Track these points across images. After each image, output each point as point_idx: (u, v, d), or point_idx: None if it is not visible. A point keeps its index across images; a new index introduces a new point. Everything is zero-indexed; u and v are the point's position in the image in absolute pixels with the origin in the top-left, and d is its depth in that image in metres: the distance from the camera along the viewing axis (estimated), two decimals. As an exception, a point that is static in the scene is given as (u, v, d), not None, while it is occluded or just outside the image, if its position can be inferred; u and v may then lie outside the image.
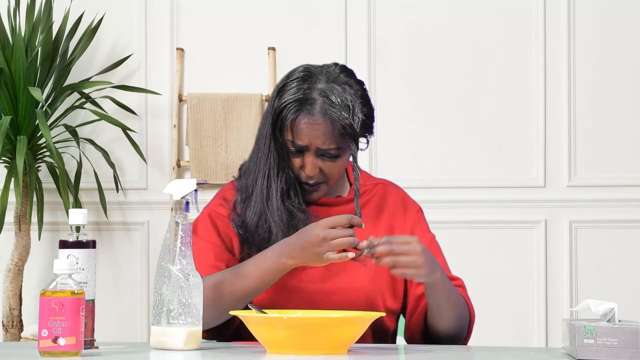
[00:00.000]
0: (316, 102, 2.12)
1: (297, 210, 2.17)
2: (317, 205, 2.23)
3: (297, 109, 2.12)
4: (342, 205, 2.26)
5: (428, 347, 2.13)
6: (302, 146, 2.14)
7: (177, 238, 1.90)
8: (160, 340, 1.88)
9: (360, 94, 2.16)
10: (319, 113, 2.11)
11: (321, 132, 2.12)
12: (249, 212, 2.18)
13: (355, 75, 2.19)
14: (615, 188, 4.01)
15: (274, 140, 2.16)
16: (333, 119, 2.11)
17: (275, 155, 2.16)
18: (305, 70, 2.18)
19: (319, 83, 2.14)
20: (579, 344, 1.77)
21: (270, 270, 2.08)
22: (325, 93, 2.12)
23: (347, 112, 2.11)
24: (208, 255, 2.17)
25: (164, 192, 1.96)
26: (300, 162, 2.16)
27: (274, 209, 2.16)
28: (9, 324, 3.87)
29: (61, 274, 1.76)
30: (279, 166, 2.17)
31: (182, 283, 1.88)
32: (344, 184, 2.30)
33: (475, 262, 3.99)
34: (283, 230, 2.14)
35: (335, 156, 2.15)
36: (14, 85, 3.87)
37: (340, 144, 2.14)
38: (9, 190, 3.82)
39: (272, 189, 2.16)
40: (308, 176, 2.16)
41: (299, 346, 1.83)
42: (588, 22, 4.05)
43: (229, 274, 2.11)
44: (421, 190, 2.51)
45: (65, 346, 1.74)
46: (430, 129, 4.07)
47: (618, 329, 1.76)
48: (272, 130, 2.16)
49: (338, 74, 2.16)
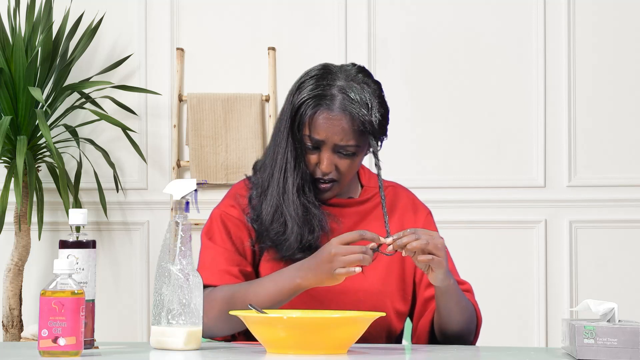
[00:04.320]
0: (335, 98, 2.13)
1: (312, 205, 2.17)
2: (329, 206, 2.23)
3: (316, 104, 2.13)
4: (354, 206, 2.26)
5: (428, 347, 2.13)
6: (319, 141, 2.14)
7: (177, 238, 1.90)
8: (160, 340, 1.88)
9: (377, 94, 2.17)
10: (338, 109, 2.12)
11: (340, 127, 2.12)
12: (265, 206, 2.19)
13: (372, 76, 2.21)
14: (615, 188, 4.01)
15: (292, 136, 2.16)
16: (353, 115, 2.12)
17: (292, 151, 2.17)
18: (324, 67, 2.19)
19: (338, 80, 2.15)
20: (579, 344, 1.77)
21: (284, 290, 2.07)
22: (344, 90, 2.13)
23: (366, 109, 2.13)
24: (220, 261, 2.17)
25: (164, 192, 1.96)
26: (317, 159, 2.17)
27: (289, 203, 2.16)
28: (9, 324, 3.87)
29: (61, 274, 1.76)
30: (295, 161, 2.17)
31: (182, 283, 1.88)
32: (356, 186, 2.31)
33: (475, 262, 3.99)
34: (298, 224, 2.15)
35: (352, 154, 2.16)
36: (14, 85, 3.87)
37: (358, 141, 2.15)
38: (9, 190, 3.82)
39: (289, 183, 2.17)
40: (323, 172, 2.17)
41: (299, 346, 1.83)
42: (588, 22, 4.05)
43: (244, 290, 2.10)
44: (421, 190, 2.51)
45: (65, 346, 1.74)
46: (430, 129, 4.07)
47: (618, 329, 1.76)
48: (290, 125, 2.16)
49: (356, 74, 2.17)
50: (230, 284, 2.14)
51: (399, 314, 2.24)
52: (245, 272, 2.19)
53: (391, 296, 2.22)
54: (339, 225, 2.21)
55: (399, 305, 2.24)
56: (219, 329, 2.12)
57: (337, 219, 2.22)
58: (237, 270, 2.17)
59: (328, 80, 2.15)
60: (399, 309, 2.24)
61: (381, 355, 1.91)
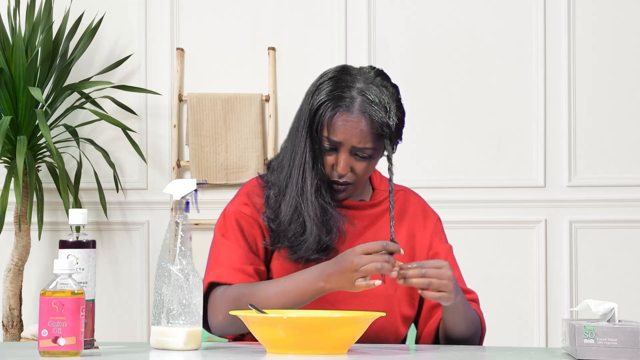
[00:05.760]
0: (355, 100, 2.13)
1: (329, 206, 2.17)
2: (341, 208, 2.23)
3: (335, 105, 2.13)
4: (366, 209, 2.26)
5: (428, 347, 2.13)
6: (337, 142, 2.14)
7: (177, 238, 1.90)
8: (160, 340, 1.88)
9: (395, 97, 2.17)
10: (357, 111, 2.12)
11: (358, 130, 2.12)
12: (284, 206, 2.18)
13: (390, 79, 2.20)
14: (615, 188, 4.01)
15: (310, 137, 2.16)
16: (372, 118, 2.12)
17: (311, 151, 2.16)
18: (343, 69, 2.19)
19: (357, 83, 2.15)
20: (579, 344, 1.77)
21: (307, 292, 2.07)
22: (363, 92, 2.13)
23: (385, 112, 2.12)
24: (234, 259, 2.17)
25: (164, 192, 1.96)
26: (333, 160, 2.17)
27: (308, 203, 2.16)
28: (9, 324, 3.87)
29: (61, 274, 1.76)
30: (313, 162, 2.16)
31: (182, 283, 1.88)
32: (367, 188, 2.31)
33: (475, 262, 3.98)
34: (317, 225, 2.15)
35: (369, 157, 2.16)
36: (14, 85, 3.87)
37: (375, 144, 2.14)
38: (9, 190, 3.82)
39: (307, 184, 2.16)
40: (340, 174, 2.17)
41: (299, 346, 1.83)
42: (588, 22, 4.05)
43: (263, 290, 2.10)
44: (421, 190, 2.51)
45: (65, 346, 1.74)
46: (430, 129, 4.07)
47: (618, 329, 1.76)
48: (308, 126, 2.16)
49: (375, 76, 2.17)
50: (244, 282, 2.14)
51: (406, 318, 2.25)
52: (259, 271, 2.18)
53: (399, 301, 2.22)
54: (354, 227, 2.21)
55: (406, 310, 2.24)
56: (236, 327, 2.11)
57: (353, 221, 2.22)
58: (252, 269, 2.17)
59: (347, 82, 2.15)
60: (406, 314, 2.24)
61: (381, 355, 1.92)
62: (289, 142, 2.22)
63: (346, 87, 2.14)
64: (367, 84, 2.14)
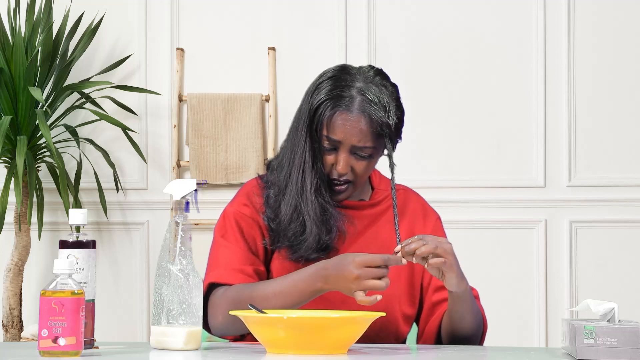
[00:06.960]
0: (354, 99, 2.13)
1: (329, 206, 2.17)
2: (340, 208, 2.23)
3: (334, 104, 2.13)
4: (366, 209, 2.26)
5: (429, 346, 2.13)
6: (337, 142, 2.14)
7: (177, 238, 1.90)
8: (160, 340, 1.88)
9: (395, 96, 2.17)
10: (357, 110, 2.12)
11: (358, 129, 2.13)
12: (284, 206, 2.18)
13: (389, 78, 2.21)
14: (615, 188, 4.01)
15: (310, 136, 2.16)
16: (371, 117, 2.12)
17: (310, 150, 2.16)
18: (342, 69, 2.19)
19: (357, 82, 2.15)
20: (579, 344, 1.77)
21: (305, 292, 2.07)
22: (363, 91, 2.13)
23: (384, 111, 2.13)
24: (234, 260, 2.17)
25: (164, 192, 1.96)
26: (333, 160, 2.17)
27: (308, 203, 2.16)
28: (9, 324, 3.87)
29: (61, 274, 1.76)
30: (313, 161, 2.17)
31: (182, 283, 1.88)
32: (367, 188, 2.31)
33: (475, 262, 3.98)
34: (317, 224, 2.15)
35: (369, 156, 2.16)
36: (14, 85, 3.87)
37: (375, 143, 2.15)
38: (9, 190, 3.82)
39: (307, 183, 2.16)
40: (339, 173, 2.17)
41: (299, 346, 1.83)
42: (588, 22, 4.05)
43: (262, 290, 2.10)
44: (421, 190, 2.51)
45: (65, 346, 1.74)
46: (430, 129, 4.07)
47: (618, 329, 1.76)
48: (308, 125, 2.16)
49: (374, 76, 2.17)
50: (243, 283, 2.14)
51: (407, 317, 2.25)
52: (259, 272, 2.18)
53: (399, 300, 2.22)
54: (354, 227, 2.22)
55: (407, 309, 2.24)
56: (236, 328, 2.11)
57: (353, 220, 2.22)
58: (252, 270, 2.17)
59: (346, 81, 2.15)
60: (407, 313, 2.24)
61: (381, 355, 1.92)
62: (288, 141, 2.22)
63: (346, 87, 2.14)
64: (366, 83, 2.15)
